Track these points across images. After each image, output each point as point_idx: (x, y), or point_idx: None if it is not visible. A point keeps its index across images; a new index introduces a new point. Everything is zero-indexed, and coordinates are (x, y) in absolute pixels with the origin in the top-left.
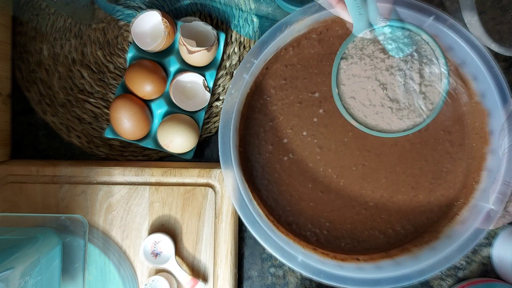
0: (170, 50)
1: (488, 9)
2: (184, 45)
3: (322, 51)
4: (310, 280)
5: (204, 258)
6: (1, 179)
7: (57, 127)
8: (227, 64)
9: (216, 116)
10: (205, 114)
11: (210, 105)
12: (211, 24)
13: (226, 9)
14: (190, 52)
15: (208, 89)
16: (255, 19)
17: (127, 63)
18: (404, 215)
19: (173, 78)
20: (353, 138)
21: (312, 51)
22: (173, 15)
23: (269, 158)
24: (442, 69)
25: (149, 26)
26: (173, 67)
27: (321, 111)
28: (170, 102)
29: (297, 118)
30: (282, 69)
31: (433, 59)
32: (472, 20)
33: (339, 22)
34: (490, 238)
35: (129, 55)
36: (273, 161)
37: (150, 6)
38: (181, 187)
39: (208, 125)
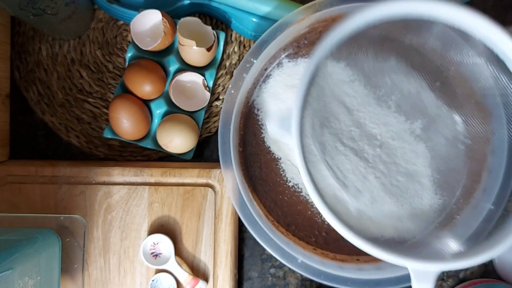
0: (170, 49)
1: (490, 8)
2: (179, 41)
3: None
4: (311, 281)
5: (204, 259)
6: (0, 179)
7: (56, 127)
8: (227, 64)
9: (216, 115)
10: (205, 113)
11: (210, 105)
12: (211, 24)
13: (226, 9)
14: (181, 44)
15: (207, 88)
16: (254, 19)
17: (126, 63)
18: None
19: (173, 78)
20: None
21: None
22: (173, 15)
23: (266, 158)
24: None
25: (148, 25)
26: (172, 67)
27: None
28: (169, 102)
29: None
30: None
31: None
32: None
33: (339, 20)
34: None
35: (128, 54)
36: (271, 161)
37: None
38: (181, 187)
39: (208, 125)
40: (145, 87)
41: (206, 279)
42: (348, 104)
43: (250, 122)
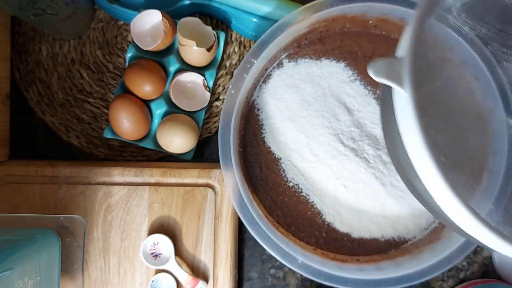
0: (170, 49)
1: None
2: (179, 41)
3: (323, 48)
4: (311, 281)
5: (204, 259)
6: (0, 179)
7: (56, 127)
8: (227, 64)
9: (216, 116)
10: (205, 114)
11: (210, 105)
12: (211, 24)
13: (226, 9)
14: (182, 45)
15: (208, 88)
16: (255, 19)
17: (126, 63)
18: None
19: (173, 78)
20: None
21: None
22: (173, 15)
23: (267, 158)
24: None
25: (149, 25)
26: (172, 67)
27: None
28: (169, 102)
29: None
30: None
31: None
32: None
33: (339, 21)
34: None
35: (128, 54)
36: (271, 161)
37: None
38: (181, 187)
39: (208, 125)
40: (145, 87)
41: (206, 280)
42: (348, 104)
43: (250, 122)
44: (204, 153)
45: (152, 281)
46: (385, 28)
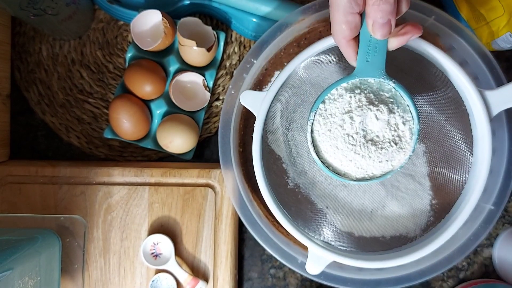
0: (170, 49)
1: None
2: (179, 41)
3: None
4: (311, 281)
5: (204, 259)
6: (0, 179)
7: (56, 127)
8: (227, 64)
9: (216, 116)
10: (205, 114)
11: (210, 105)
12: (211, 24)
13: (226, 9)
14: (182, 45)
15: (208, 89)
16: (255, 19)
17: (126, 63)
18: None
19: (173, 78)
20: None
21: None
22: (173, 15)
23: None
24: (414, 127)
25: (149, 25)
26: (172, 67)
27: None
28: (169, 102)
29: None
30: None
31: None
32: None
33: None
34: (492, 239)
35: (129, 55)
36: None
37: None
38: (181, 187)
39: (208, 125)
40: (145, 87)
41: (206, 280)
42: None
43: (250, 122)
44: (204, 153)
45: (152, 281)
46: None
